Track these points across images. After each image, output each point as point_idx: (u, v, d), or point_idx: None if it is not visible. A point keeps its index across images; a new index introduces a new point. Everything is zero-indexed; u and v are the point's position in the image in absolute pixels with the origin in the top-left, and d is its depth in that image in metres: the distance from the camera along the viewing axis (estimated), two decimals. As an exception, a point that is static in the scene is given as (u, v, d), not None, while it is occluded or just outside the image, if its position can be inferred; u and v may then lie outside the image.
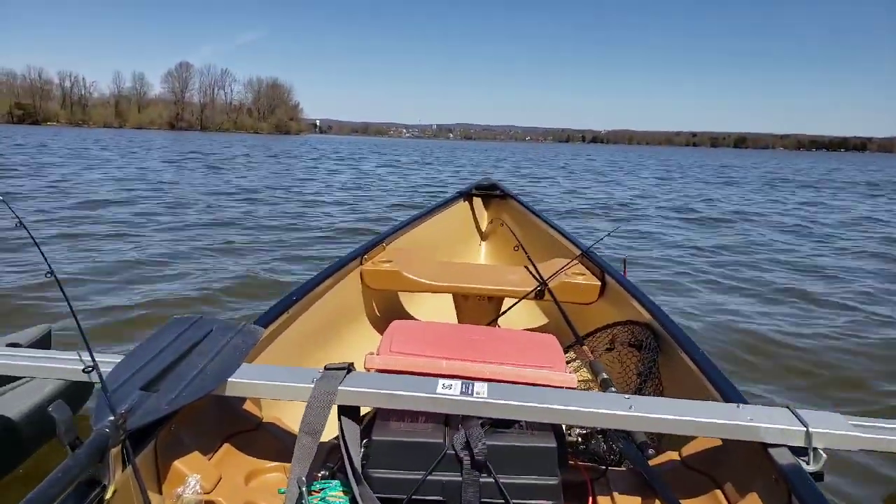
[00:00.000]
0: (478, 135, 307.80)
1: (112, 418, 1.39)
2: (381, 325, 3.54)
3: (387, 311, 3.67)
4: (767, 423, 1.58)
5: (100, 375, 1.58)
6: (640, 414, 1.61)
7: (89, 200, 12.42)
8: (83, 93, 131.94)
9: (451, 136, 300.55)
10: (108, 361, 1.75)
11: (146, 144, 44.33)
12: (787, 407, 1.66)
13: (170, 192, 14.64)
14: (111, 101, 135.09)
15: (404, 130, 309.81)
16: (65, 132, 75.27)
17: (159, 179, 18.07)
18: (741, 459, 1.69)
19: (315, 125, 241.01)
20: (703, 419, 1.60)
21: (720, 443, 1.78)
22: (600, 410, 1.62)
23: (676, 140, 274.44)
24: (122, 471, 1.41)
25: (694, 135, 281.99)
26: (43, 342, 2.99)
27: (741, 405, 1.68)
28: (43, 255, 1.91)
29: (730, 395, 1.87)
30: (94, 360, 1.64)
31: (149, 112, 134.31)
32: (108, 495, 1.36)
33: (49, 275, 1.81)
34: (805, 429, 1.56)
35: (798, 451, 1.56)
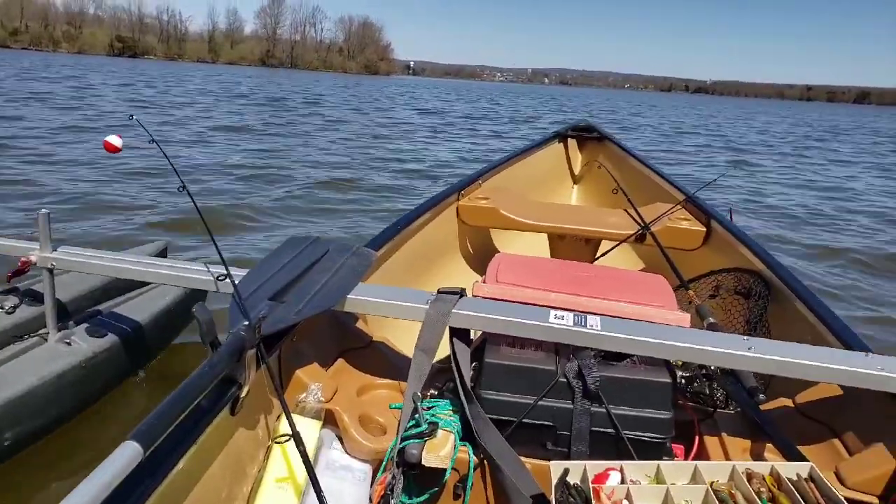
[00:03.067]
0: (574, 80, 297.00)
1: (248, 322, 1.48)
2: (473, 259, 3.59)
3: (480, 247, 3.71)
4: None
5: (234, 284, 1.68)
6: (760, 355, 1.57)
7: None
8: (179, 27, 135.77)
9: (547, 80, 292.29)
10: (235, 274, 1.85)
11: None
12: None
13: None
14: (205, 36, 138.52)
15: (498, 74, 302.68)
16: (201, 68, 78.73)
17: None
18: (865, 409, 1.64)
19: (408, 67, 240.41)
20: (828, 365, 1.55)
21: (840, 391, 1.73)
22: (720, 349, 1.59)
23: (789, 93, 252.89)
24: (255, 373, 1.50)
25: (809, 88, 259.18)
26: (160, 256, 3.20)
27: (869, 354, 1.62)
28: (176, 171, 2.01)
29: (854, 344, 1.81)
30: (227, 269, 1.74)
31: (241, 48, 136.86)
32: (243, 394, 1.46)
33: (182, 189, 1.91)
34: None
35: None
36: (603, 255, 3.37)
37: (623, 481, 1.42)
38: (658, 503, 1.38)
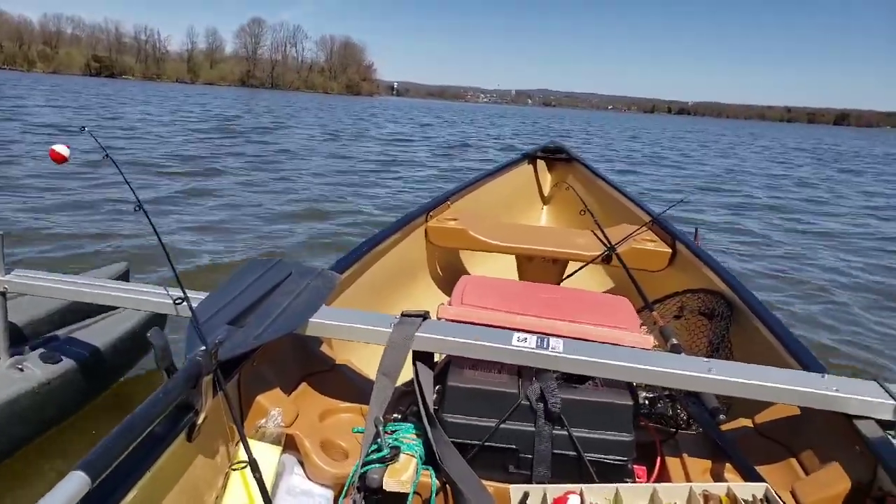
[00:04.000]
0: (558, 101, 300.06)
1: (204, 348, 1.47)
2: (442, 280, 3.60)
3: (449, 268, 3.72)
4: (854, 394, 1.55)
5: (191, 308, 1.66)
6: (719, 377, 1.59)
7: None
8: (157, 46, 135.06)
9: (530, 102, 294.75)
10: (195, 297, 1.83)
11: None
12: (875, 380, 1.62)
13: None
14: (185, 55, 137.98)
15: (482, 95, 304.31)
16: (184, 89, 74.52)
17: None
18: (821, 430, 1.66)
19: (392, 87, 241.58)
20: (786, 386, 1.58)
21: (798, 411, 1.76)
22: (679, 372, 1.61)
23: (769, 115, 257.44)
24: (213, 399, 1.49)
25: (788, 110, 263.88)
26: (122, 278, 3.15)
27: (826, 375, 1.65)
28: (131, 188, 1.99)
29: (811, 365, 1.84)
30: (184, 293, 1.72)
31: (220, 68, 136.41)
32: (200, 420, 1.44)
33: (137, 208, 1.88)
34: (895, 403, 1.52)
35: (886, 425, 1.52)
36: (568, 276, 3.40)
37: (582, 504, 1.43)
38: (616, 526, 1.39)
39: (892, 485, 1.37)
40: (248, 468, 1.40)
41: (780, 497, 1.39)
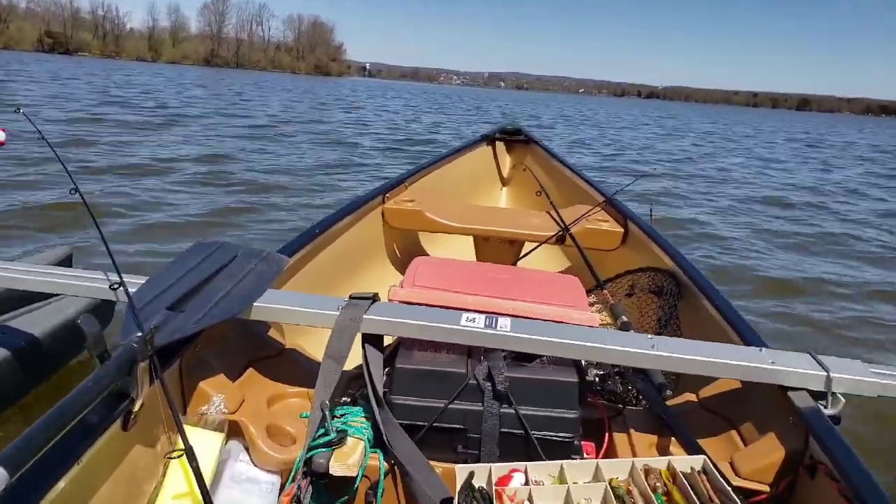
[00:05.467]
0: (530, 85, 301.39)
1: (140, 334, 1.43)
2: (399, 263, 3.58)
3: (406, 250, 3.71)
4: (788, 366, 1.58)
5: (127, 293, 1.62)
6: (662, 353, 1.61)
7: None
8: (116, 23, 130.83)
9: (503, 84, 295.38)
10: (134, 282, 1.78)
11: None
12: (808, 352, 1.66)
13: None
14: (146, 33, 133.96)
15: (454, 77, 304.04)
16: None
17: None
18: (759, 402, 1.70)
19: (364, 68, 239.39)
20: (724, 360, 1.60)
21: (739, 385, 1.79)
22: (623, 348, 1.63)
23: (735, 99, 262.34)
24: (150, 386, 1.45)
25: (754, 95, 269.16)
26: (64, 264, 3.04)
27: (762, 349, 1.69)
28: (67, 172, 1.92)
29: (751, 339, 1.87)
30: (121, 278, 1.68)
31: (183, 47, 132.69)
32: (136, 408, 1.41)
33: (74, 192, 1.83)
34: (825, 374, 1.56)
35: (817, 396, 1.56)
36: (524, 256, 3.42)
37: (527, 482, 1.43)
38: (559, 503, 1.40)
39: (822, 453, 1.40)
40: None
41: (717, 468, 1.41)
